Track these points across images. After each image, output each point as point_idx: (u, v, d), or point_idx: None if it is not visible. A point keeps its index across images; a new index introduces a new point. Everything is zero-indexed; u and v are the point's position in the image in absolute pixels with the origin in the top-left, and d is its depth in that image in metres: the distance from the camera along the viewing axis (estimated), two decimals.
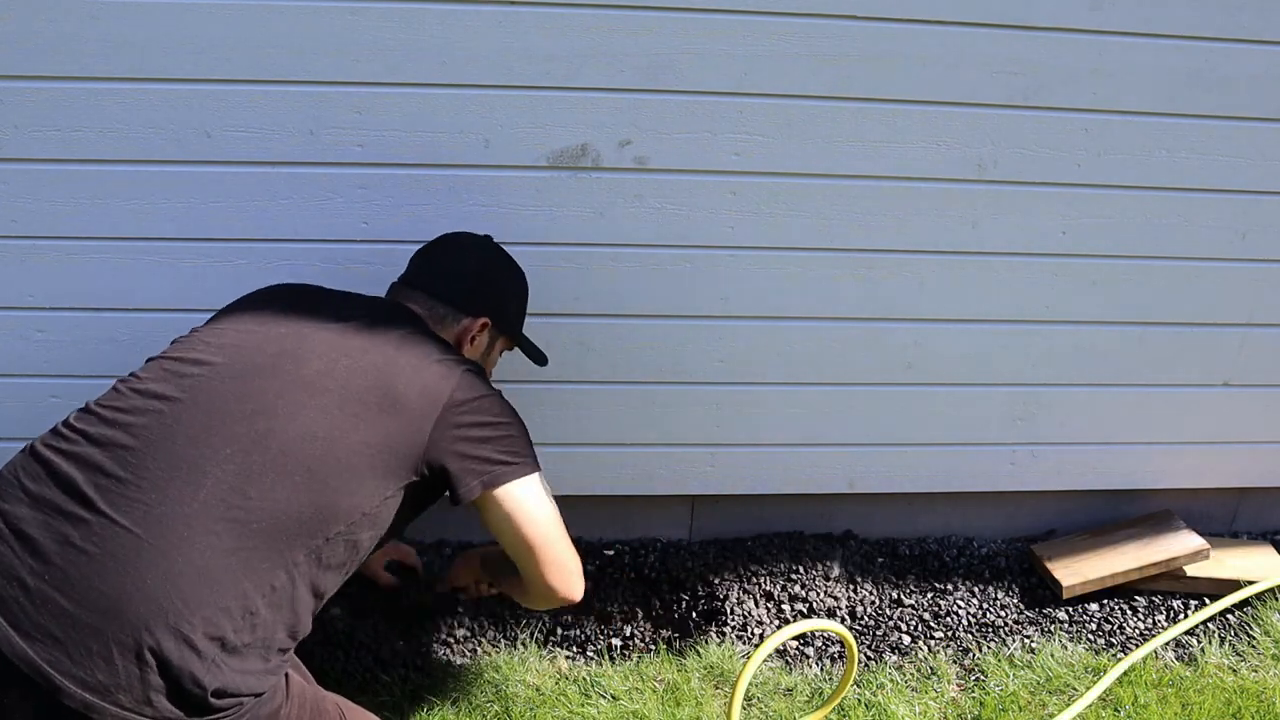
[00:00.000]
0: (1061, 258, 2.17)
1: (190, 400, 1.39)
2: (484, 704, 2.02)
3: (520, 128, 1.96)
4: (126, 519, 1.28)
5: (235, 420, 1.37)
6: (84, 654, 1.21)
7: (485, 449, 1.50)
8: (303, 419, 1.39)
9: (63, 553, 1.26)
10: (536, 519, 1.53)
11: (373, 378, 1.46)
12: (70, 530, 1.27)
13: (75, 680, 1.21)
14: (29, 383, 2.11)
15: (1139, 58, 1.99)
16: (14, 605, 1.23)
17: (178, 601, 1.25)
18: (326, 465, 1.38)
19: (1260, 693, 2.09)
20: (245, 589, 1.30)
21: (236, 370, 1.43)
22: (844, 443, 2.34)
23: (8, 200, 1.94)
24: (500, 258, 1.81)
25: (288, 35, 1.85)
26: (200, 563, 1.28)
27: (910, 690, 2.11)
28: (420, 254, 1.80)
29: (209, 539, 1.29)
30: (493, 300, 1.75)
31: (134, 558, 1.26)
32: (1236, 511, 2.61)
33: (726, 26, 1.90)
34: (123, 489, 1.30)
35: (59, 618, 1.22)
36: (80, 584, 1.24)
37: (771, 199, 2.06)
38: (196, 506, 1.30)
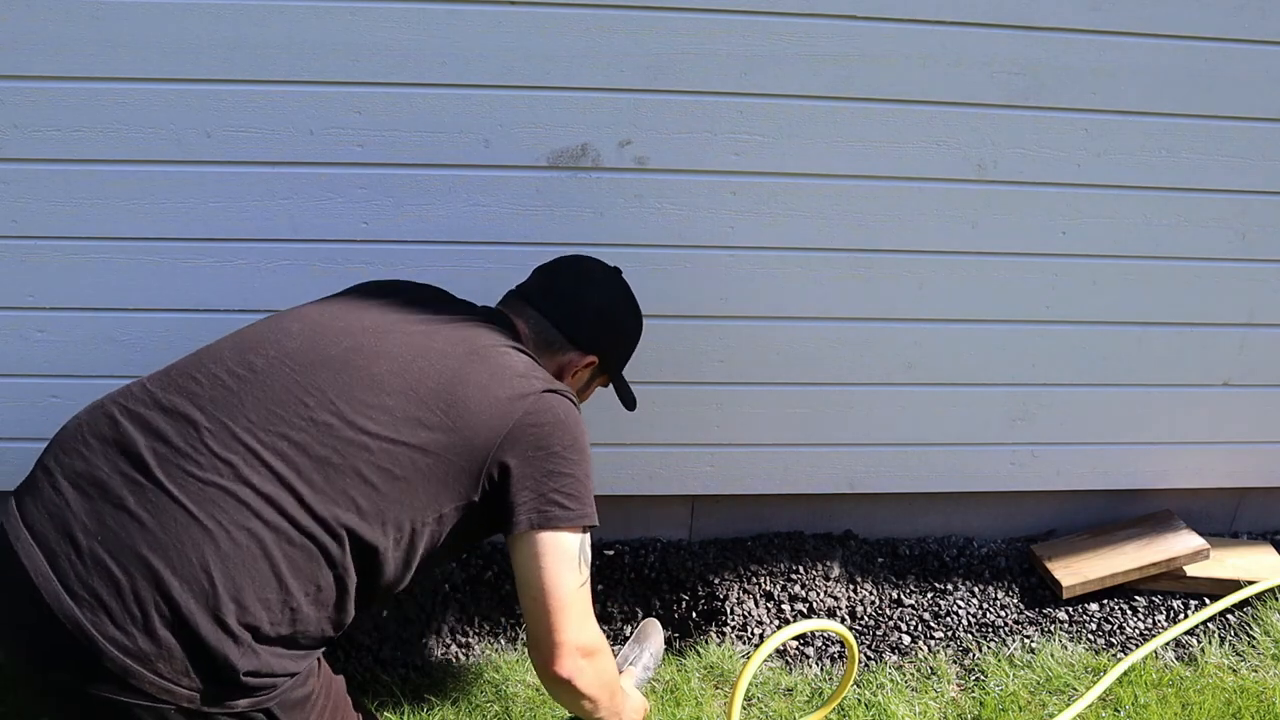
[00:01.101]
0: (1061, 258, 2.17)
1: (258, 382, 1.37)
2: (484, 704, 2.02)
3: (520, 128, 1.96)
4: (180, 492, 1.28)
5: (296, 411, 1.35)
6: (128, 620, 1.22)
7: (546, 484, 1.44)
8: (362, 419, 1.36)
9: (116, 516, 1.26)
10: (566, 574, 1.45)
11: (443, 384, 1.41)
12: (126, 494, 1.27)
13: (117, 645, 1.21)
14: (29, 383, 2.11)
15: (1139, 58, 1.99)
16: (64, 563, 1.24)
17: (218, 585, 1.25)
18: (380, 470, 1.35)
19: (1260, 693, 2.09)
20: (289, 584, 1.30)
21: (308, 360, 1.40)
22: (844, 443, 2.34)
23: (8, 200, 1.94)
24: (626, 297, 1.74)
25: (288, 35, 1.85)
26: (244, 552, 1.27)
27: (910, 690, 2.11)
28: (545, 271, 1.73)
29: (258, 527, 1.28)
30: (607, 340, 1.69)
31: (182, 533, 1.26)
32: (1236, 511, 2.61)
33: (726, 26, 1.90)
34: (180, 460, 1.30)
35: (107, 581, 1.23)
36: (130, 551, 1.24)
37: (771, 199, 2.06)
38: (249, 493, 1.29)
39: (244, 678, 1.27)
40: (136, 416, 1.35)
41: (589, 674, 1.50)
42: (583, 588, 1.49)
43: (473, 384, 1.43)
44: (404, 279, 1.70)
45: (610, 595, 2.30)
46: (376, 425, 1.36)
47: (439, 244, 2.04)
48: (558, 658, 1.47)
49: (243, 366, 1.39)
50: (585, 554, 1.49)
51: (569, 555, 1.46)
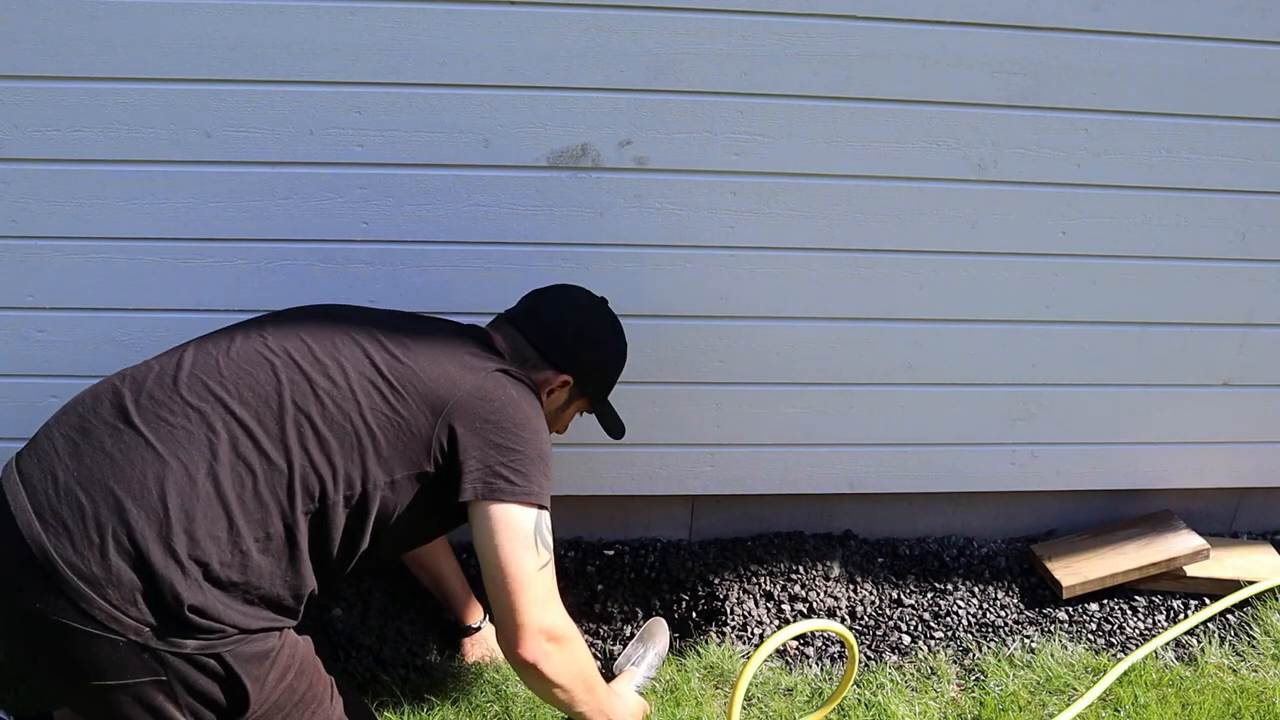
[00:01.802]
0: (1061, 258, 2.17)
1: (234, 349, 1.51)
2: (484, 704, 2.02)
3: (520, 128, 1.96)
4: (151, 434, 1.40)
5: (263, 370, 1.48)
6: (86, 544, 1.32)
7: (493, 455, 1.50)
8: (320, 378, 1.48)
9: (93, 455, 1.39)
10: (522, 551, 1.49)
11: (396, 354, 1.53)
12: (105, 438, 1.40)
13: (72, 567, 1.31)
14: (29, 383, 2.11)
15: (1139, 58, 1.99)
16: (41, 495, 1.36)
17: (170, 516, 1.35)
18: (333, 426, 1.45)
19: (1260, 693, 2.09)
20: (238, 525, 1.39)
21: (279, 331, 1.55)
22: (844, 443, 2.34)
23: (8, 200, 1.94)
24: (607, 324, 1.81)
25: (288, 35, 1.85)
26: (200, 488, 1.38)
27: (910, 690, 2.11)
28: (533, 294, 1.81)
29: (214, 469, 1.39)
30: (582, 362, 1.74)
31: (145, 467, 1.37)
32: (1236, 511, 2.61)
33: (726, 26, 1.90)
34: (156, 408, 1.43)
35: (74, 509, 1.34)
36: (98, 483, 1.36)
37: (771, 199, 2.06)
38: (210, 436, 1.41)
39: (189, 613, 1.33)
40: (129, 377, 1.50)
41: (555, 660, 1.52)
42: (543, 570, 1.52)
43: (425, 356, 1.54)
44: None
45: (610, 595, 2.30)
46: (328, 383, 1.48)
47: (439, 244, 2.04)
48: (520, 640, 1.50)
49: (224, 337, 1.55)
50: (543, 535, 1.53)
51: (522, 533, 1.50)
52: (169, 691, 1.36)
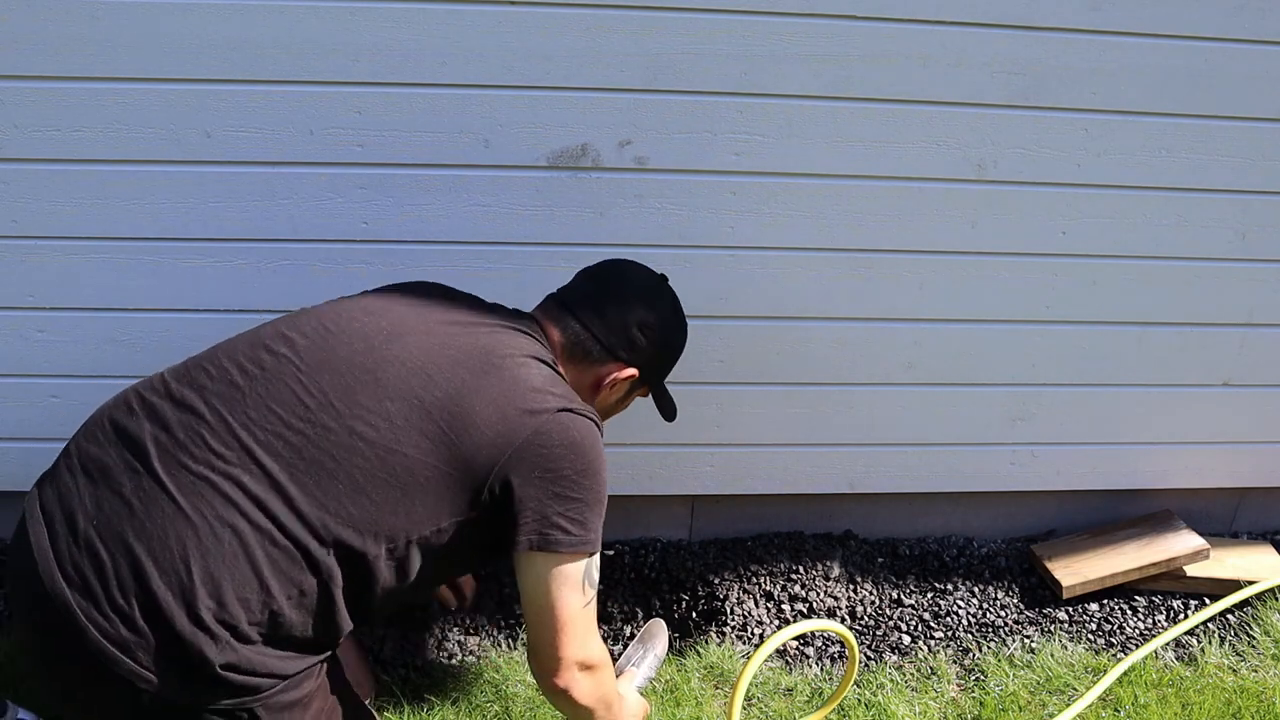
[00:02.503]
0: (1061, 258, 2.17)
1: (264, 379, 1.37)
2: (484, 704, 2.02)
3: (520, 128, 1.96)
4: (172, 483, 1.29)
5: (295, 412, 1.34)
6: (111, 608, 1.25)
7: (551, 506, 1.40)
8: (360, 423, 1.34)
9: (112, 501, 1.29)
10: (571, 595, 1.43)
11: (450, 394, 1.37)
12: (124, 480, 1.30)
13: (99, 629, 1.24)
14: (29, 383, 2.11)
15: (1139, 58, 1.99)
16: (62, 543, 1.28)
17: (196, 580, 1.26)
18: (374, 478, 1.33)
19: (1260, 693, 2.09)
20: (270, 586, 1.29)
21: (315, 359, 1.39)
22: (844, 443, 2.34)
23: (8, 200, 1.94)
24: (672, 308, 1.69)
25: (288, 35, 1.85)
26: (226, 548, 1.27)
27: (910, 690, 2.11)
28: (588, 275, 1.68)
29: (242, 526, 1.28)
30: (649, 353, 1.63)
31: (167, 524, 1.27)
32: (1236, 511, 2.61)
33: (726, 26, 1.90)
34: (177, 452, 1.32)
35: (96, 566, 1.26)
36: (118, 539, 1.27)
37: (771, 199, 2.06)
38: (236, 490, 1.30)
39: (221, 671, 1.27)
40: (149, 406, 1.37)
41: (586, 686, 1.50)
42: (587, 607, 1.47)
43: (482, 396, 1.38)
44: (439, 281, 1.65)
45: (610, 595, 2.30)
46: (374, 432, 1.34)
47: (439, 244, 2.04)
48: (557, 672, 1.47)
49: (253, 363, 1.39)
50: (591, 577, 1.47)
51: (572, 579, 1.43)
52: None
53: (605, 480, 1.47)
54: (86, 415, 2.04)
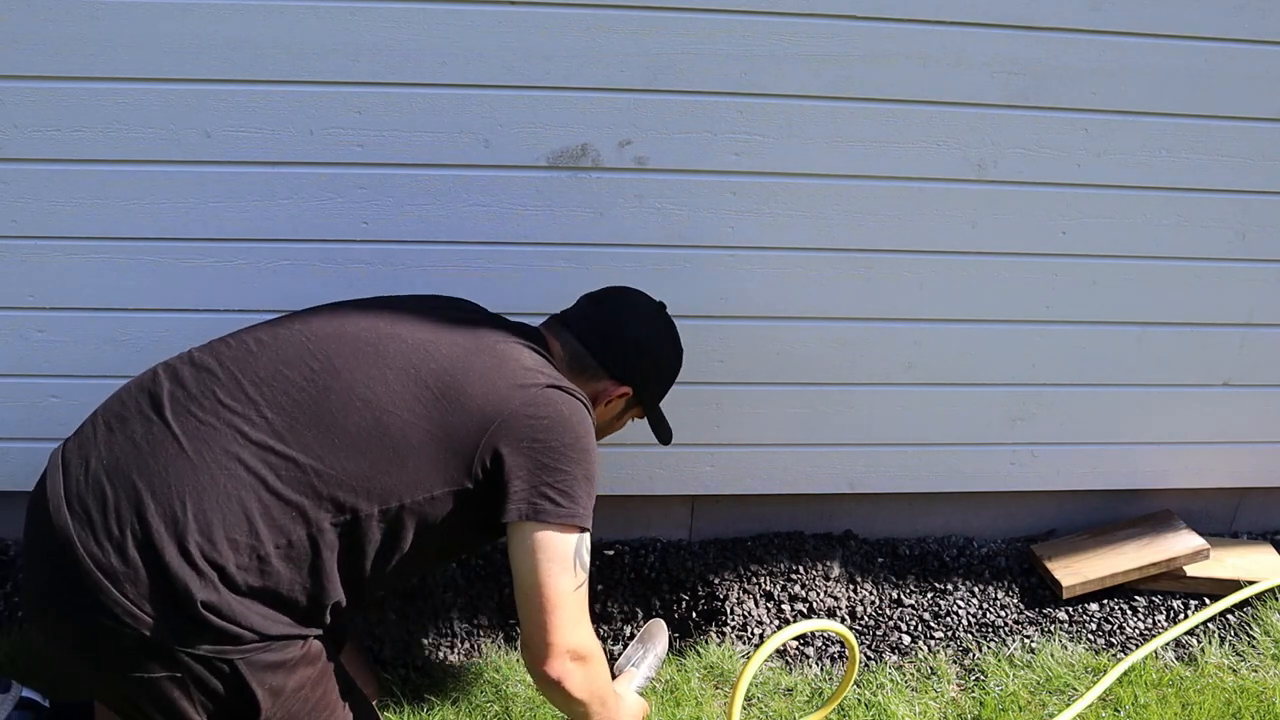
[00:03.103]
0: (1061, 258, 2.17)
1: (276, 346, 1.46)
2: (484, 704, 2.02)
3: (520, 128, 1.96)
4: (179, 428, 1.38)
5: (300, 371, 1.43)
6: (106, 537, 1.32)
7: (540, 476, 1.44)
8: (360, 385, 1.42)
9: (124, 445, 1.38)
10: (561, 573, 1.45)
11: (444, 368, 1.45)
12: (137, 428, 1.40)
13: (93, 558, 1.31)
14: (29, 383, 2.11)
15: (1139, 58, 1.99)
16: (73, 481, 1.36)
17: (188, 515, 1.33)
18: (369, 436, 1.40)
19: (1260, 693, 2.09)
20: (258, 530, 1.35)
21: (324, 332, 1.49)
22: (844, 443, 2.34)
23: (8, 200, 1.94)
24: (667, 333, 1.75)
25: (288, 35, 1.85)
26: (221, 490, 1.35)
27: (910, 690, 2.11)
28: (589, 299, 1.74)
29: (239, 471, 1.36)
30: (642, 373, 1.69)
31: (169, 463, 1.36)
32: (1236, 511, 2.61)
33: (726, 26, 1.90)
34: (188, 403, 1.41)
35: (99, 499, 1.34)
36: (122, 474, 1.35)
37: (771, 199, 2.06)
38: (238, 438, 1.38)
39: (202, 609, 1.31)
40: (170, 368, 1.48)
41: (578, 678, 1.51)
42: (577, 591, 1.49)
43: (474, 370, 1.46)
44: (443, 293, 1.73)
45: (610, 595, 2.30)
46: (371, 394, 1.42)
47: (439, 244, 2.04)
48: (548, 658, 1.48)
49: (269, 335, 1.50)
50: (581, 558, 1.49)
51: (563, 555, 1.46)
52: (183, 687, 1.36)
53: (595, 460, 1.52)
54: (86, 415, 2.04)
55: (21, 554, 1.46)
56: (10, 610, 2.16)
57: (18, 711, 1.68)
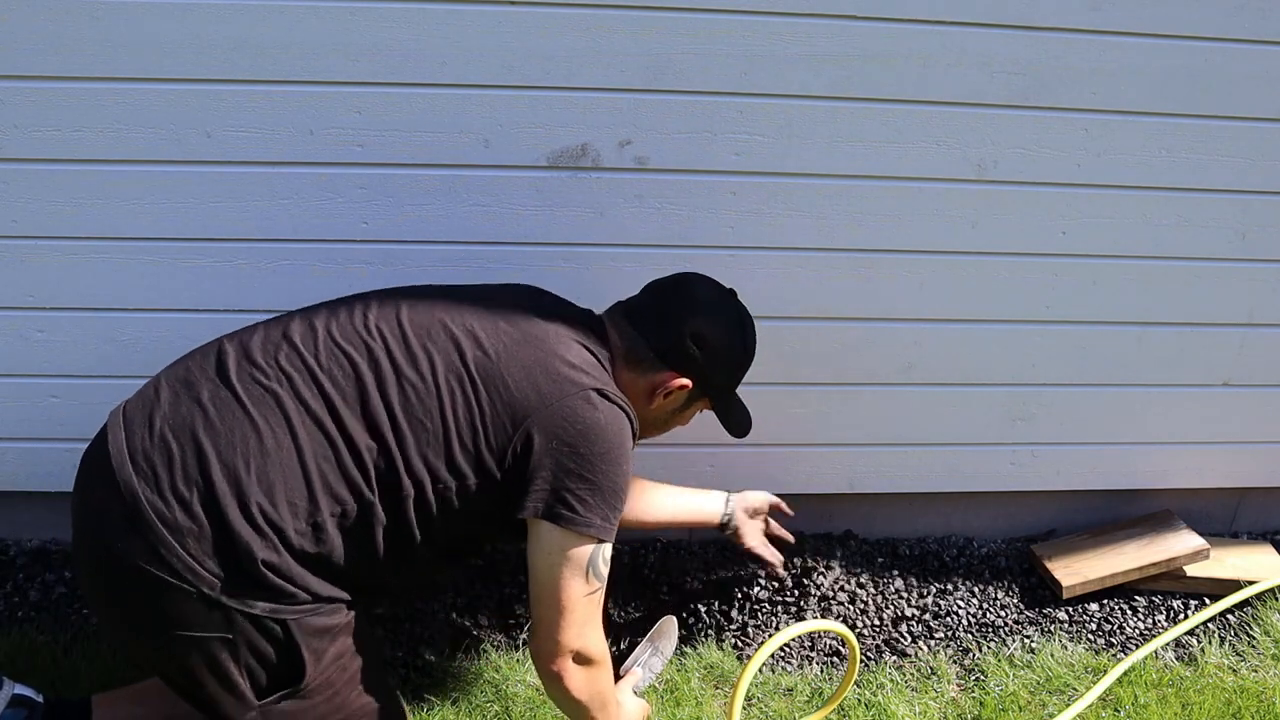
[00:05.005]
0: (1061, 258, 2.17)
1: (337, 324, 1.52)
2: (484, 704, 2.02)
3: (520, 127, 1.96)
4: (244, 393, 1.43)
5: (356, 350, 1.48)
6: (171, 492, 1.36)
7: (564, 480, 1.46)
8: (408, 369, 1.47)
9: (190, 406, 1.42)
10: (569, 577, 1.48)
11: (489, 355, 1.49)
12: (203, 391, 1.44)
13: (157, 512, 1.35)
14: (29, 383, 2.11)
15: (1139, 58, 1.99)
16: (136, 438, 1.40)
17: (252, 476, 1.38)
18: (412, 420, 1.45)
19: (1260, 693, 2.09)
20: (316, 496, 1.40)
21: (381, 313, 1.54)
22: (844, 443, 2.34)
23: (8, 200, 1.94)
24: (733, 323, 1.71)
25: (288, 35, 1.85)
26: (283, 455, 1.40)
27: (910, 690, 2.11)
28: (654, 286, 1.72)
29: (300, 438, 1.41)
30: (702, 364, 1.64)
31: (234, 425, 1.40)
32: (1236, 511, 2.61)
33: (726, 26, 1.90)
34: (254, 371, 1.46)
35: (164, 455, 1.38)
36: (189, 434, 1.39)
37: (771, 199, 2.06)
38: (297, 405, 1.43)
39: (263, 569, 1.36)
40: (236, 338, 1.52)
41: (580, 678, 1.54)
42: (589, 597, 1.50)
43: (519, 362, 1.50)
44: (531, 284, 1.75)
45: (610, 595, 2.30)
46: (415, 374, 1.47)
47: (439, 244, 2.04)
48: (553, 656, 1.52)
49: (329, 311, 1.56)
50: (596, 567, 1.50)
51: (576, 562, 1.48)
52: (232, 650, 1.40)
53: (626, 474, 1.52)
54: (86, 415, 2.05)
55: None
56: (10, 610, 2.16)
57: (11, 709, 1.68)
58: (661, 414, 1.71)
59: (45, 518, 2.32)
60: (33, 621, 2.13)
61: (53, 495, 2.25)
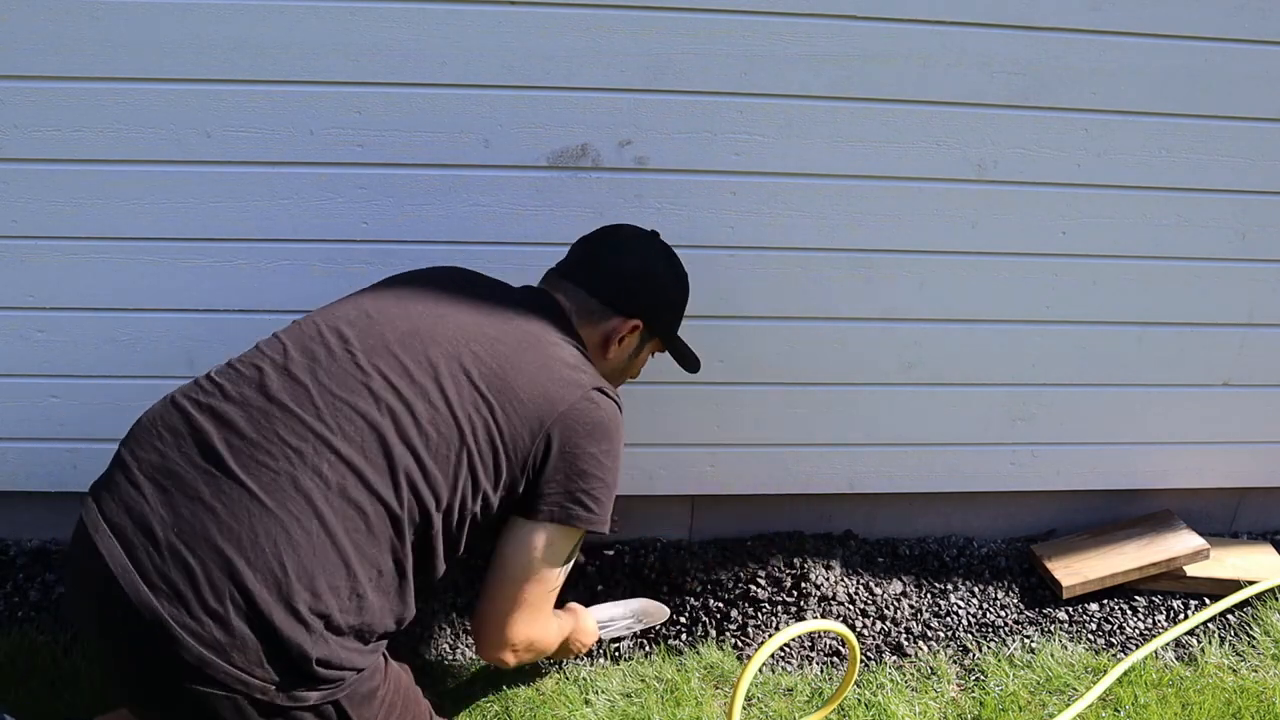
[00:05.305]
0: (1061, 258, 2.17)
1: (323, 370, 1.40)
2: (484, 704, 2.02)
3: (520, 128, 1.96)
4: (254, 483, 1.30)
5: (360, 398, 1.38)
6: (203, 611, 1.24)
7: (576, 483, 1.48)
8: (420, 406, 1.39)
9: (191, 507, 1.28)
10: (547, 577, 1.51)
11: (494, 371, 1.45)
12: (201, 487, 1.30)
13: (194, 635, 1.23)
14: (29, 383, 2.11)
15: (1139, 58, 1.99)
16: (142, 554, 1.26)
17: (290, 574, 1.27)
18: (438, 457, 1.39)
19: (1260, 693, 2.09)
20: (355, 570, 1.32)
21: (367, 345, 1.43)
22: (844, 443, 2.34)
23: (8, 200, 1.94)
24: (663, 257, 1.75)
25: (288, 35, 1.85)
26: (314, 540, 1.30)
27: (910, 690, 2.11)
28: (581, 243, 1.75)
29: (327, 519, 1.31)
30: (647, 302, 1.69)
31: (255, 523, 1.28)
32: (1236, 511, 2.61)
33: (726, 26, 1.90)
34: (253, 451, 1.32)
35: (183, 571, 1.25)
36: (205, 542, 1.26)
37: (771, 199, 2.06)
38: (318, 481, 1.32)
39: (316, 667, 1.29)
40: (207, 409, 1.37)
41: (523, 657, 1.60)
42: (554, 591, 1.54)
43: (524, 371, 1.47)
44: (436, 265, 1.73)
45: (610, 595, 2.30)
46: (429, 409, 1.39)
47: (439, 244, 2.03)
48: (497, 649, 1.55)
49: (306, 356, 1.42)
50: (573, 558, 1.54)
51: (560, 554, 1.51)
52: None
53: (621, 463, 1.57)
54: (86, 415, 2.04)
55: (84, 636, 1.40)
56: (10, 610, 2.16)
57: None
58: (619, 363, 1.72)
59: (45, 518, 2.32)
60: (33, 621, 2.13)
61: (52, 495, 2.26)
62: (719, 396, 2.25)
